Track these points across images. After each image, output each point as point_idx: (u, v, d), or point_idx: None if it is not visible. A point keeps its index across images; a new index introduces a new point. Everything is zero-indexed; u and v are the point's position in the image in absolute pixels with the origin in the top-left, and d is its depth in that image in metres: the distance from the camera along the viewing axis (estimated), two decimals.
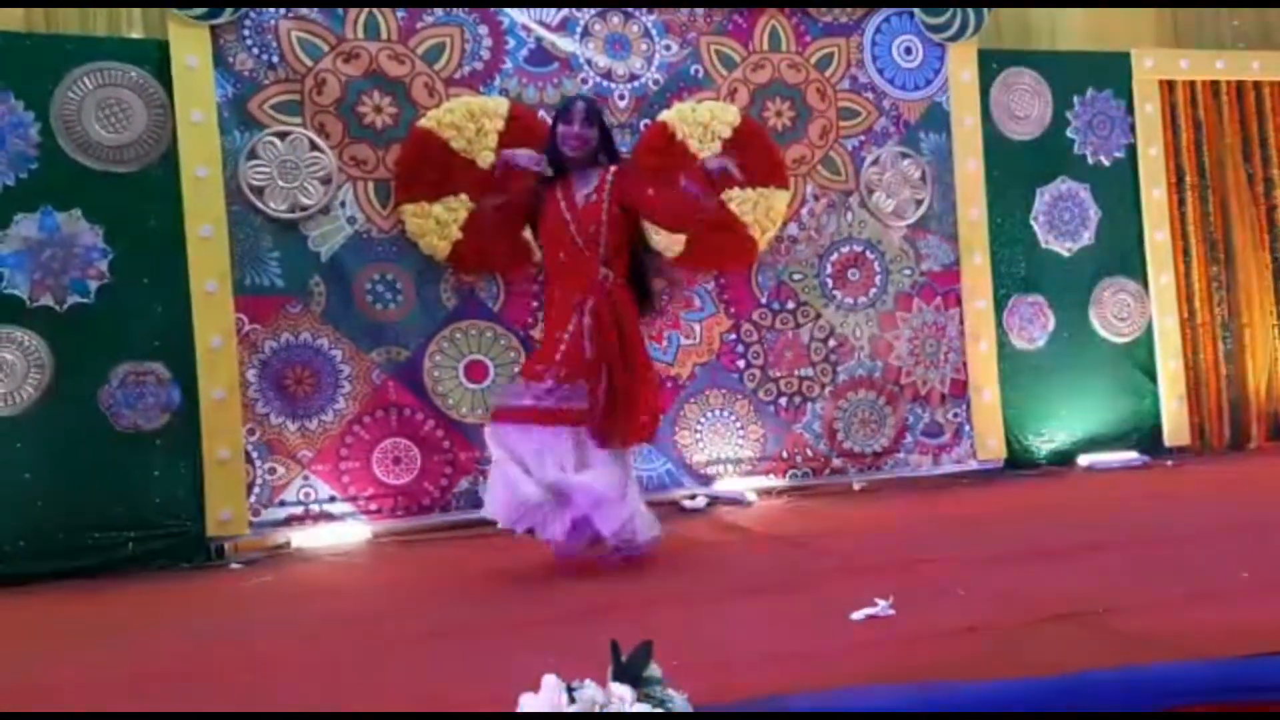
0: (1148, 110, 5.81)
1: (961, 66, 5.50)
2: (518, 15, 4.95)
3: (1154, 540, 3.69)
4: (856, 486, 5.36)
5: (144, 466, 4.42)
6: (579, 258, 3.82)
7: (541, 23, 4.99)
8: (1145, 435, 5.78)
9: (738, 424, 5.22)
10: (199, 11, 4.48)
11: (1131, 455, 5.69)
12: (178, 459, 4.46)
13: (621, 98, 5.07)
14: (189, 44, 4.49)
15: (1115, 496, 4.89)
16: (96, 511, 4.33)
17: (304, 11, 4.64)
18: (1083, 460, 5.63)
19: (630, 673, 1.82)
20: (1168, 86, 5.86)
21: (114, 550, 4.34)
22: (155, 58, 4.49)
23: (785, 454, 5.28)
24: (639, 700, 1.76)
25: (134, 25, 4.70)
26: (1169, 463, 5.65)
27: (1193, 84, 5.90)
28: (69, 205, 4.36)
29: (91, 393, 4.36)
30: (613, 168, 3.90)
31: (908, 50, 5.47)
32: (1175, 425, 5.79)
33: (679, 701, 1.82)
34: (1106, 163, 5.79)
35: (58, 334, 4.32)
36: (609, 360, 3.71)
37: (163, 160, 4.48)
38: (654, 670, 1.85)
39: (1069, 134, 5.73)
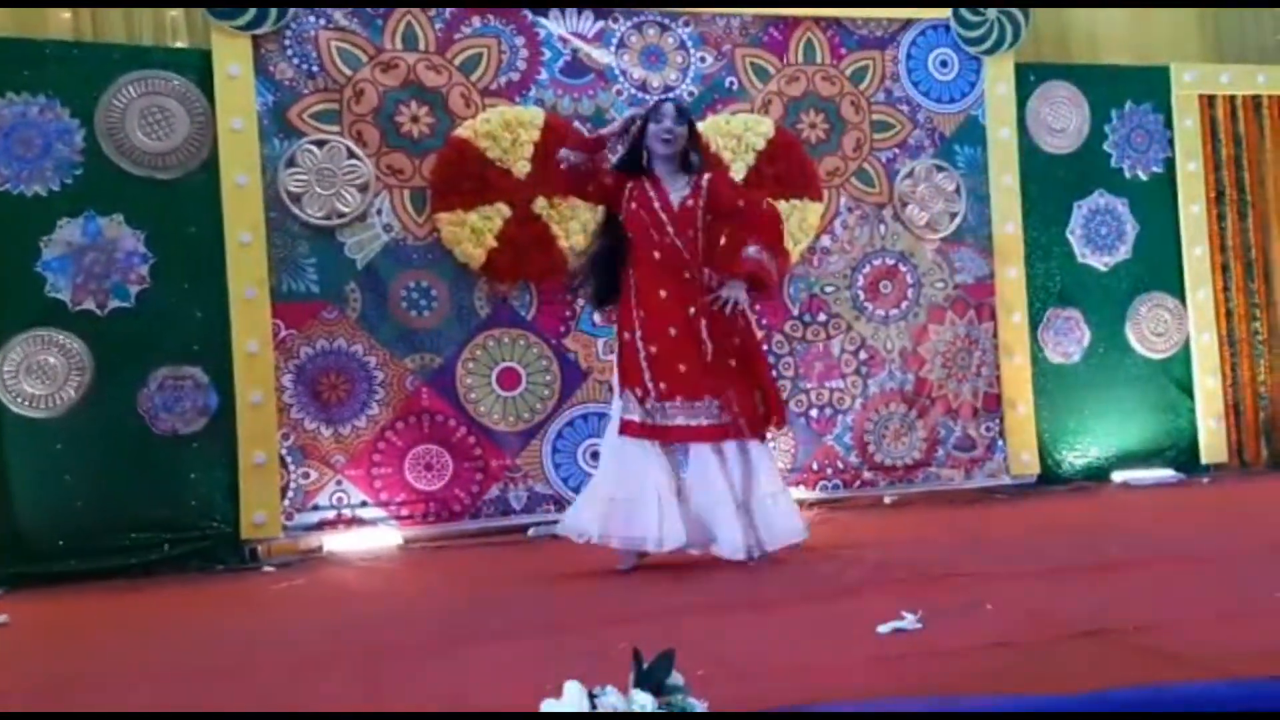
0: (1187, 124, 5.76)
1: (998, 79, 5.48)
2: (554, 27, 4.99)
3: (1187, 558, 3.64)
4: (887, 499, 5.34)
5: (181, 469, 4.49)
6: (678, 259, 3.85)
7: (578, 34, 5.03)
8: (1181, 452, 5.73)
9: (769, 435, 5.20)
10: (242, 21, 4.55)
11: (1167, 473, 5.64)
12: (214, 462, 4.53)
13: None
14: (231, 53, 4.57)
15: (1149, 514, 4.83)
16: (134, 513, 4.41)
17: (343, 22, 4.71)
18: (1117, 477, 5.59)
19: (652, 680, 1.83)
20: (1208, 101, 5.81)
21: (150, 551, 4.42)
22: (198, 67, 4.58)
23: (816, 466, 5.27)
24: (660, 708, 1.77)
25: (178, 35, 4.79)
26: (1205, 480, 5.59)
27: (1233, 98, 5.84)
28: (111, 211, 4.45)
29: (130, 396, 4.44)
30: (707, 175, 3.94)
31: (943, 63, 5.46)
32: (1212, 443, 5.73)
33: (699, 709, 1.82)
34: (1144, 177, 5.74)
35: (98, 337, 4.41)
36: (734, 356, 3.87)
37: (203, 167, 4.56)
38: (676, 678, 1.86)
39: (1106, 148, 5.69)
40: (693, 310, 3.84)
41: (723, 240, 3.96)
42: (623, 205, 3.91)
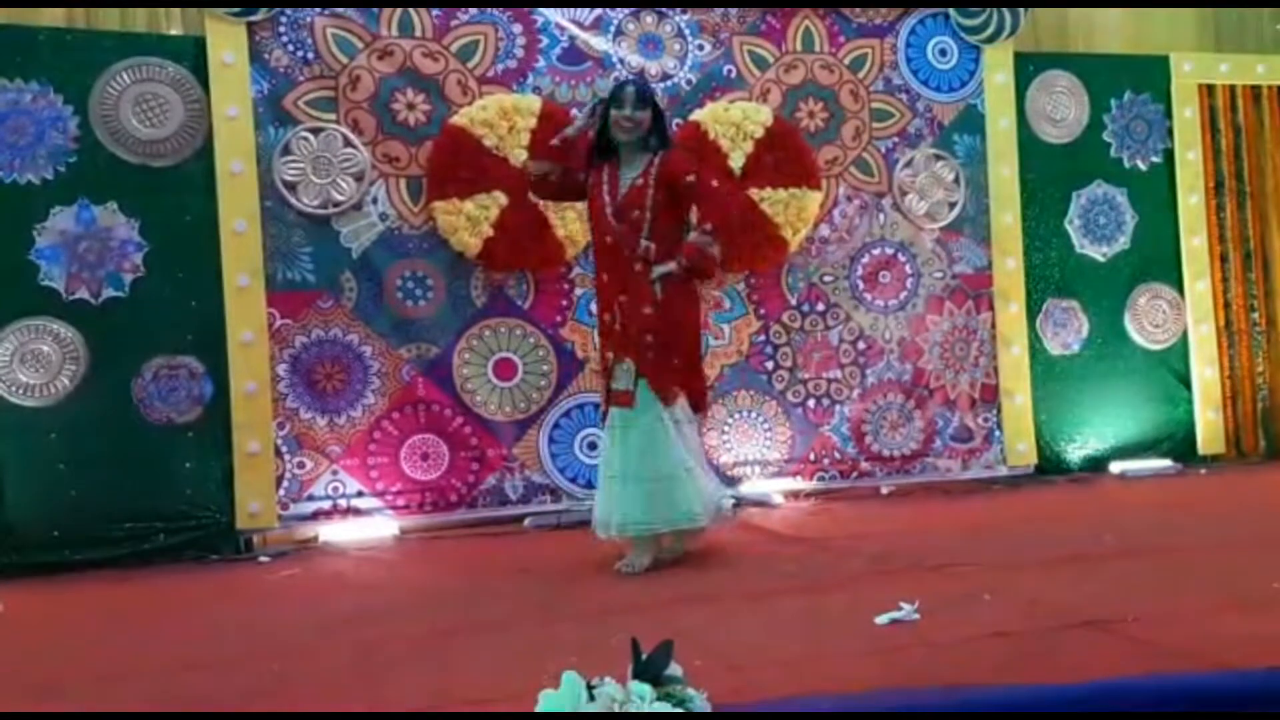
0: (1186, 114, 5.74)
1: (997, 69, 5.46)
2: (551, 14, 4.96)
3: (1185, 549, 3.64)
4: (884, 490, 5.32)
5: (175, 459, 4.46)
6: (619, 244, 3.76)
7: (575, 21, 5.00)
8: (1179, 443, 5.71)
9: (766, 425, 5.20)
10: (236, 9, 4.52)
11: (1165, 463, 5.62)
12: (209, 452, 4.51)
13: None
14: (226, 41, 4.54)
15: (1147, 504, 4.83)
16: (128, 503, 4.38)
17: (339, 9, 4.68)
18: (1115, 467, 5.57)
19: (650, 671, 1.82)
20: (1207, 90, 5.79)
21: (145, 541, 4.39)
22: (193, 54, 4.54)
23: (813, 456, 5.26)
24: (658, 699, 1.76)
25: (173, 22, 4.75)
26: (1202, 471, 5.58)
27: (1233, 88, 5.82)
28: (105, 199, 4.42)
29: (125, 385, 4.41)
30: (660, 153, 3.80)
31: (942, 52, 5.44)
32: (1210, 433, 5.72)
33: (698, 701, 1.81)
34: (1143, 167, 5.73)
35: (92, 327, 4.38)
36: (647, 334, 3.73)
37: (198, 155, 4.52)
38: (674, 669, 1.85)
39: (1105, 137, 5.67)
40: (624, 297, 3.76)
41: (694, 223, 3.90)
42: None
